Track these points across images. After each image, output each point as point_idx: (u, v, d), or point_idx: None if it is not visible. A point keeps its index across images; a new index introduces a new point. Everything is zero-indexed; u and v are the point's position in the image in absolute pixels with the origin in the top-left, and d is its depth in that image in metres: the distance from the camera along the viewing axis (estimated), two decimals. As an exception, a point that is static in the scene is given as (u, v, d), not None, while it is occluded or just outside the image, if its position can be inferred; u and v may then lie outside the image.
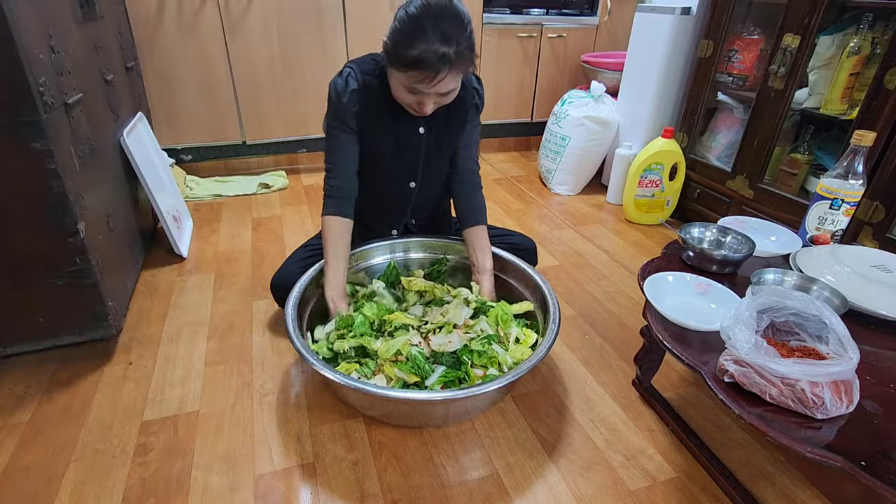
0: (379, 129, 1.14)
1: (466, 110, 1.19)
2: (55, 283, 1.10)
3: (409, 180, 1.24)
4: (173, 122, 2.21)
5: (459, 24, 0.93)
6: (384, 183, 1.24)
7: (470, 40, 0.96)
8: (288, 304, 1.11)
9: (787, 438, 0.68)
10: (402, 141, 1.17)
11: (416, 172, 1.22)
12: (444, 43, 0.92)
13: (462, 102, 1.16)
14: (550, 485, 0.97)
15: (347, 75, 1.09)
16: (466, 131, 1.23)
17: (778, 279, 0.98)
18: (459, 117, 1.19)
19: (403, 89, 1.01)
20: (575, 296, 1.57)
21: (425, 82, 0.96)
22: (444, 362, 1.06)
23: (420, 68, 0.93)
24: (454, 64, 0.94)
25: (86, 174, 1.16)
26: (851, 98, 1.51)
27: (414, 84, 0.97)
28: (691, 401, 1.17)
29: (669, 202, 2.06)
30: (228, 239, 1.83)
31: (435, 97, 1.01)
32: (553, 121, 2.36)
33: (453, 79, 0.97)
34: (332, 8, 2.21)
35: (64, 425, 1.05)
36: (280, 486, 0.95)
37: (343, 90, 1.08)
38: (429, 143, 1.19)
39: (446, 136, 1.20)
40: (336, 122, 1.12)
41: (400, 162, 1.20)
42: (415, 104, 1.03)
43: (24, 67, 0.93)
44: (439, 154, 1.22)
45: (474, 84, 1.20)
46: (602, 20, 2.69)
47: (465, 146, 1.26)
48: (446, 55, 0.92)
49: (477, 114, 1.24)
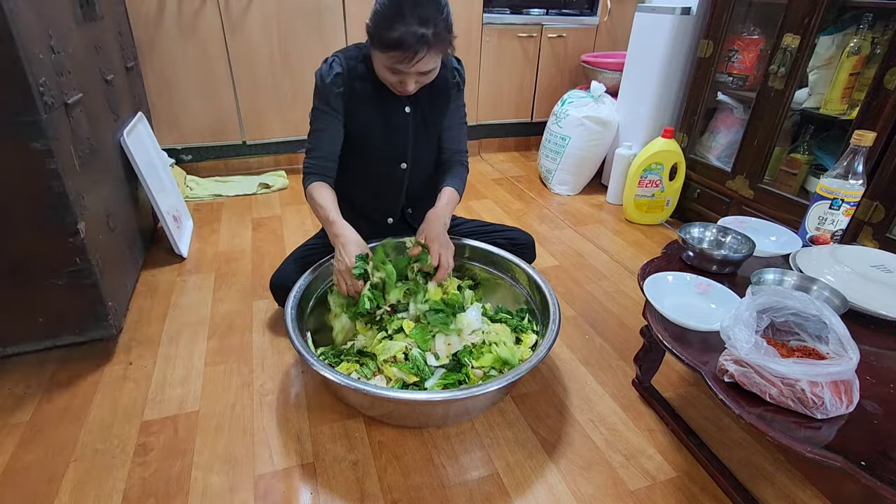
0: (366, 111, 1.17)
1: (449, 89, 1.23)
2: (55, 283, 1.10)
3: (399, 161, 1.25)
4: (173, 122, 2.21)
5: (437, 7, 0.98)
6: (375, 167, 1.25)
7: (447, 22, 1.00)
8: (288, 303, 1.11)
9: (786, 438, 0.68)
10: (390, 121, 1.19)
11: (405, 153, 1.24)
12: (422, 25, 0.96)
13: (444, 81, 1.20)
14: (550, 485, 0.97)
15: (332, 62, 1.13)
16: (450, 112, 1.26)
17: (778, 279, 0.98)
18: (443, 96, 1.22)
19: (385, 69, 1.05)
20: (575, 296, 1.57)
21: (405, 62, 1.00)
22: (444, 365, 1.06)
23: (400, 49, 0.97)
24: (432, 44, 0.98)
25: (86, 174, 1.16)
26: (851, 98, 1.51)
27: (395, 64, 1.01)
28: (691, 401, 1.17)
29: (669, 202, 2.06)
30: (228, 239, 1.83)
31: (416, 76, 1.05)
32: (553, 121, 2.36)
33: (432, 59, 1.02)
34: (332, 8, 2.21)
35: (64, 425, 1.06)
36: (280, 486, 0.95)
37: (327, 73, 1.12)
38: (415, 122, 1.21)
39: (431, 114, 1.23)
40: (320, 104, 1.15)
41: (389, 143, 1.22)
42: (397, 83, 1.07)
43: (24, 67, 0.93)
44: (426, 133, 1.25)
45: (454, 64, 1.23)
46: (602, 20, 2.69)
47: (448, 128, 1.28)
48: (424, 36, 0.96)
49: (459, 93, 1.26)
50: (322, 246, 1.30)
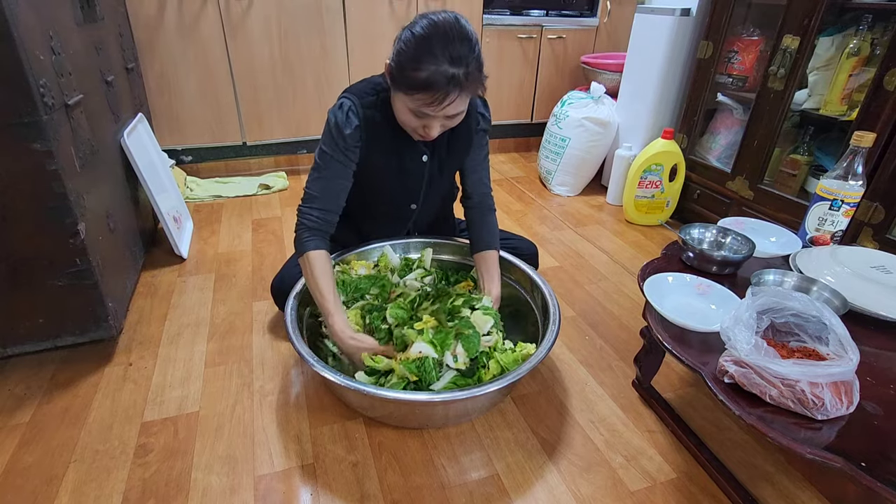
0: (381, 159, 1.10)
1: (471, 136, 1.16)
2: (55, 284, 1.10)
3: (410, 202, 1.22)
4: (173, 123, 2.21)
5: (469, 46, 0.89)
6: (385, 207, 1.23)
7: (479, 61, 0.92)
8: (288, 304, 1.11)
9: (786, 439, 0.68)
10: (405, 168, 1.14)
11: (417, 196, 1.21)
12: (454, 64, 0.88)
13: (466, 129, 1.13)
14: (550, 486, 0.97)
15: (348, 109, 1.04)
16: (473, 153, 1.19)
17: (778, 280, 0.98)
18: (463, 143, 1.16)
19: (409, 112, 0.96)
20: (575, 297, 1.57)
21: (433, 105, 0.91)
22: (459, 369, 1.05)
23: (429, 91, 0.89)
24: (464, 86, 0.90)
25: (86, 175, 1.16)
26: (851, 99, 1.52)
27: (421, 107, 0.93)
28: (691, 402, 1.17)
29: (669, 203, 2.06)
30: (229, 240, 1.83)
31: (442, 120, 0.97)
32: (553, 122, 2.36)
33: (462, 101, 0.94)
34: (332, 8, 2.21)
35: (64, 426, 1.05)
36: (280, 487, 0.95)
37: (345, 124, 1.03)
38: (431, 169, 1.16)
39: (448, 161, 1.17)
40: (334, 153, 1.05)
41: (401, 188, 1.18)
42: (420, 128, 0.99)
43: (24, 68, 0.93)
44: (441, 177, 1.20)
45: (479, 109, 1.15)
46: (602, 21, 2.69)
47: (473, 170, 1.21)
48: (456, 77, 0.88)
49: (484, 136, 1.19)
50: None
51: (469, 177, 1.22)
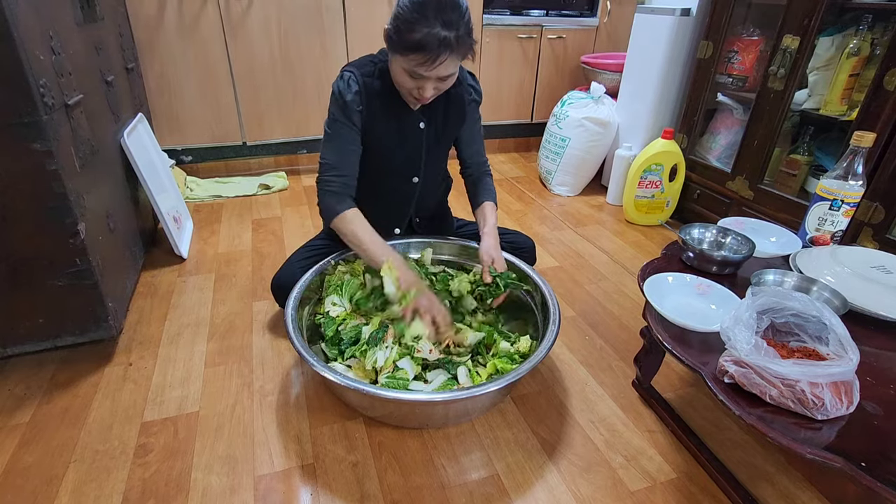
0: (382, 127, 1.16)
1: (464, 106, 1.23)
2: (55, 284, 1.10)
3: (412, 175, 1.26)
4: (173, 123, 2.21)
5: (459, 12, 0.98)
6: (388, 181, 1.26)
7: (468, 27, 1.00)
8: (288, 304, 1.11)
9: (786, 439, 0.68)
10: (404, 137, 1.19)
11: (418, 168, 1.25)
12: (445, 28, 0.96)
13: (459, 98, 1.21)
14: (550, 486, 0.97)
15: (349, 78, 1.12)
16: (468, 126, 1.27)
17: (778, 280, 0.98)
18: (457, 112, 1.23)
19: (404, 73, 1.04)
20: (575, 297, 1.57)
21: (426, 65, 0.99)
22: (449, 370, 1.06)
23: (422, 51, 0.97)
24: (455, 48, 0.98)
25: (86, 175, 1.16)
26: (851, 99, 1.52)
27: (415, 67, 1.00)
28: (691, 401, 1.17)
29: (669, 203, 2.06)
30: (228, 240, 1.83)
31: (434, 81, 1.04)
32: (553, 122, 2.36)
33: (453, 63, 1.01)
34: (332, 8, 2.21)
35: (64, 426, 1.05)
36: (280, 487, 0.95)
37: (346, 91, 1.11)
38: (428, 137, 1.22)
39: (444, 129, 1.23)
40: (341, 118, 1.13)
41: (403, 158, 1.22)
42: (415, 89, 1.06)
43: (24, 68, 0.93)
44: (438, 148, 1.26)
45: (469, 81, 1.23)
46: (602, 21, 2.69)
47: (469, 142, 1.31)
48: (447, 39, 0.96)
49: (476, 108, 1.27)
50: (324, 246, 1.31)
51: (466, 149, 1.32)
